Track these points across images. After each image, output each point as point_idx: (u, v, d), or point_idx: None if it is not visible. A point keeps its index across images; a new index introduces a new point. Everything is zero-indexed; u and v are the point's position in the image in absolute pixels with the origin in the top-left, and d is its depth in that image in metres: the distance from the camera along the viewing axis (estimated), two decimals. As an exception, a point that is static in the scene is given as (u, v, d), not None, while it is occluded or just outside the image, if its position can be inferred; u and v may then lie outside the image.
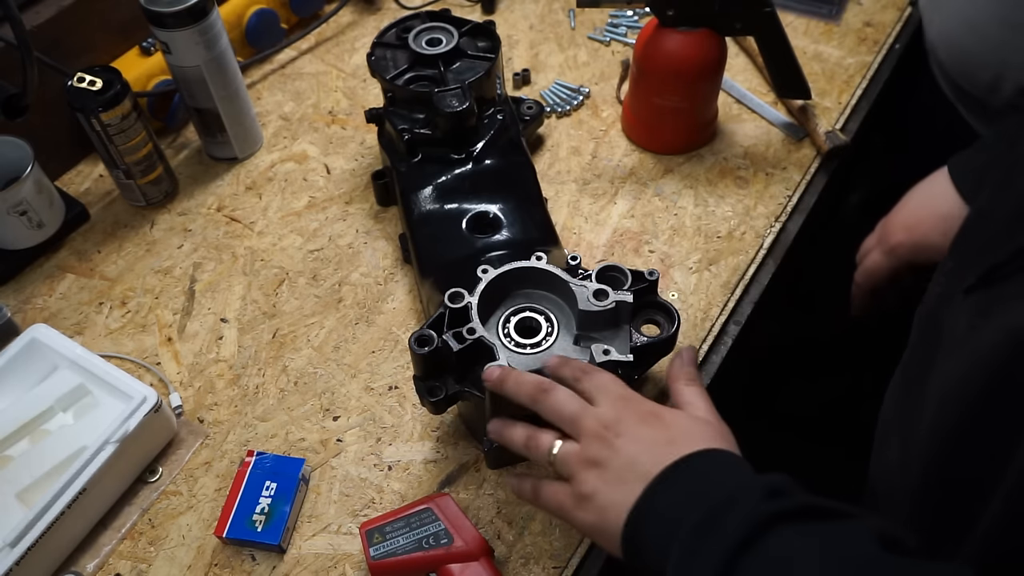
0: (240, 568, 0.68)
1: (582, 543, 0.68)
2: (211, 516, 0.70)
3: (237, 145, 0.95)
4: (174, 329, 0.83)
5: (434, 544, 0.63)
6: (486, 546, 0.64)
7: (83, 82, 0.82)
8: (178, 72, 0.88)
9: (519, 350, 0.65)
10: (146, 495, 0.72)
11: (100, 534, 0.70)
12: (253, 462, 0.70)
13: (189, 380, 0.79)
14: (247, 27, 1.02)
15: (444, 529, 0.63)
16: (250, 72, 1.05)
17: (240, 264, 0.88)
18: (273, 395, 0.78)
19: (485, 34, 0.88)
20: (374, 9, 1.13)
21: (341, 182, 0.94)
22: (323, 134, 0.99)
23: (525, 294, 0.69)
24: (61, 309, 0.84)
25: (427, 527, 0.64)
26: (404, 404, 0.76)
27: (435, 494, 0.67)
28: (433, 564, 0.63)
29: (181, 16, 0.82)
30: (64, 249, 0.90)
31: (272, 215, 0.92)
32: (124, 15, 0.94)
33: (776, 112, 0.98)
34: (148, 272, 0.87)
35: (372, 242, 0.89)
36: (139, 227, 0.91)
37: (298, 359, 0.80)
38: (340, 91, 1.04)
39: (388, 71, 0.85)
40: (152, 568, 0.68)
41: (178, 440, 0.75)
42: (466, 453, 0.73)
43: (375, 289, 0.85)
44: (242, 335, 0.82)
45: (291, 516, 0.68)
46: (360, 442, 0.74)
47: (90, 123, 0.83)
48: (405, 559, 0.63)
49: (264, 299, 0.84)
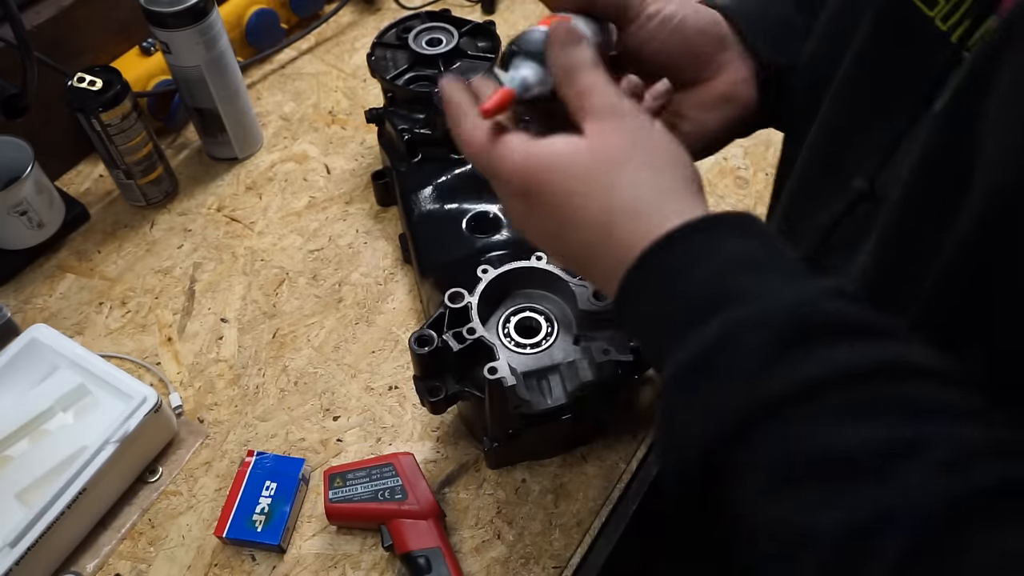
0: (240, 568, 0.68)
1: (582, 543, 0.68)
2: (211, 516, 0.70)
3: (237, 145, 0.95)
4: (174, 329, 0.83)
5: (388, 498, 0.66)
6: (437, 508, 0.67)
7: (83, 82, 0.82)
8: (178, 72, 0.88)
9: (519, 350, 0.65)
10: (146, 495, 0.72)
11: (100, 534, 0.70)
12: (253, 462, 0.70)
13: (189, 380, 0.79)
14: (247, 27, 1.02)
15: (400, 485, 0.67)
16: (250, 72, 1.05)
17: (240, 264, 0.87)
18: (273, 395, 0.78)
19: (485, 34, 0.88)
20: (374, 9, 1.13)
21: (341, 182, 0.94)
22: (323, 134, 0.99)
23: (525, 294, 0.69)
24: (61, 309, 0.84)
25: (386, 480, 0.67)
26: (404, 404, 0.76)
27: (401, 452, 0.69)
28: (384, 516, 0.66)
29: (181, 16, 0.82)
30: (64, 249, 0.89)
31: (272, 215, 0.92)
32: (124, 15, 0.94)
33: (776, 112, 0.98)
34: (148, 272, 0.87)
35: (372, 242, 0.89)
36: (139, 227, 0.91)
37: (298, 359, 0.80)
38: (340, 91, 1.04)
39: (388, 71, 0.85)
40: (152, 568, 0.68)
41: (178, 440, 0.75)
42: (466, 453, 0.73)
43: (375, 289, 0.85)
44: (242, 335, 0.82)
45: (291, 516, 0.68)
46: (360, 442, 0.74)
47: (90, 123, 0.83)
48: (359, 507, 0.67)
49: (264, 299, 0.84)
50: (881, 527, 0.26)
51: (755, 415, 0.30)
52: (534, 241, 0.44)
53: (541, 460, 0.72)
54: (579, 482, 0.71)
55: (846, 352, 0.30)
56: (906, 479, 0.27)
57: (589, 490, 0.71)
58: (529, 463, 0.72)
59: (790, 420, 0.29)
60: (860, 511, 0.27)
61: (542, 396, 0.65)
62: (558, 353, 0.65)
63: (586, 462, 0.73)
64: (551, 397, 0.65)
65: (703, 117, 0.53)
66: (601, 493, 0.71)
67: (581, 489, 0.71)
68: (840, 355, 0.30)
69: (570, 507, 0.70)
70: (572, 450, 0.73)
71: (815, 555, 0.28)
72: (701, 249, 0.35)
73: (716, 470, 0.32)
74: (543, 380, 0.65)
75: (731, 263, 0.34)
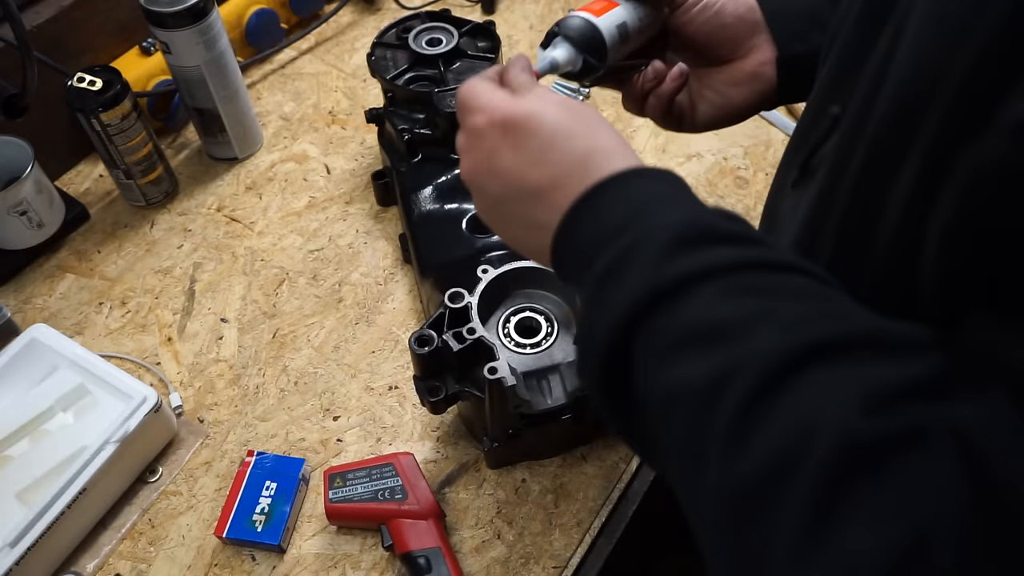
0: (240, 568, 0.68)
1: (582, 543, 0.68)
2: (211, 516, 0.70)
3: (237, 145, 0.95)
4: (174, 329, 0.83)
5: (388, 498, 0.66)
6: (437, 508, 0.66)
7: (83, 82, 0.82)
8: (178, 72, 0.88)
9: (519, 350, 0.65)
10: (146, 495, 0.72)
11: (100, 534, 0.70)
12: (253, 462, 0.70)
13: (189, 380, 0.79)
14: (247, 27, 1.02)
15: (400, 485, 0.67)
16: (250, 72, 1.05)
17: (240, 264, 0.87)
18: (273, 395, 0.78)
19: (485, 34, 0.88)
20: (374, 9, 1.13)
21: (341, 182, 0.94)
22: (323, 134, 0.99)
23: (525, 294, 0.69)
24: (61, 309, 0.84)
25: (386, 480, 0.67)
26: (404, 404, 0.76)
27: (401, 452, 0.69)
28: (385, 516, 0.66)
29: (181, 16, 0.82)
30: (64, 249, 0.89)
31: (272, 215, 0.92)
32: (124, 15, 0.94)
33: (776, 112, 0.98)
34: (148, 272, 0.87)
35: (372, 242, 0.89)
36: (139, 227, 0.91)
37: (298, 359, 0.80)
38: (340, 91, 1.04)
39: (388, 71, 0.85)
40: (152, 568, 0.68)
41: (178, 440, 0.75)
42: (466, 453, 0.73)
43: (375, 289, 0.85)
44: (242, 335, 0.82)
45: (291, 516, 0.68)
46: (360, 442, 0.74)
47: (90, 123, 0.83)
48: (359, 507, 0.66)
49: (264, 299, 0.84)
50: (731, 375, 0.32)
51: (658, 292, 0.36)
52: (479, 176, 0.47)
53: (541, 460, 0.72)
54: (579, 482, 0.71)
55: (726, 251, 0.36)
56: (757, 338, 0.32)
57: (589, 490, 0.71)
58: (529, 463, 0.72)
59: (679, 300, 0.35)
60: (719, 365, 0.33)
61: (542, 396, 0.65)
62: (558, 353, 0.65)
63: (586, 462, 0.73)
64: (551, 397, 0.65)
65: (730, 92, 0.59)
66: (601, 493, 0.71)
67: (581, 489, 0.71)
68: (722, 252, 0.36)
69: (570, 507, 0.70)
70: (572, 450, 0.73)
71: (685, 408, 0.34)
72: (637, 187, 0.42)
73: (624, 353, 0.37)
74: (543, 380, 0.65)
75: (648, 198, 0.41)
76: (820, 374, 0.31)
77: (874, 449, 0.28)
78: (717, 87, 0.60)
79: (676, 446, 0.35)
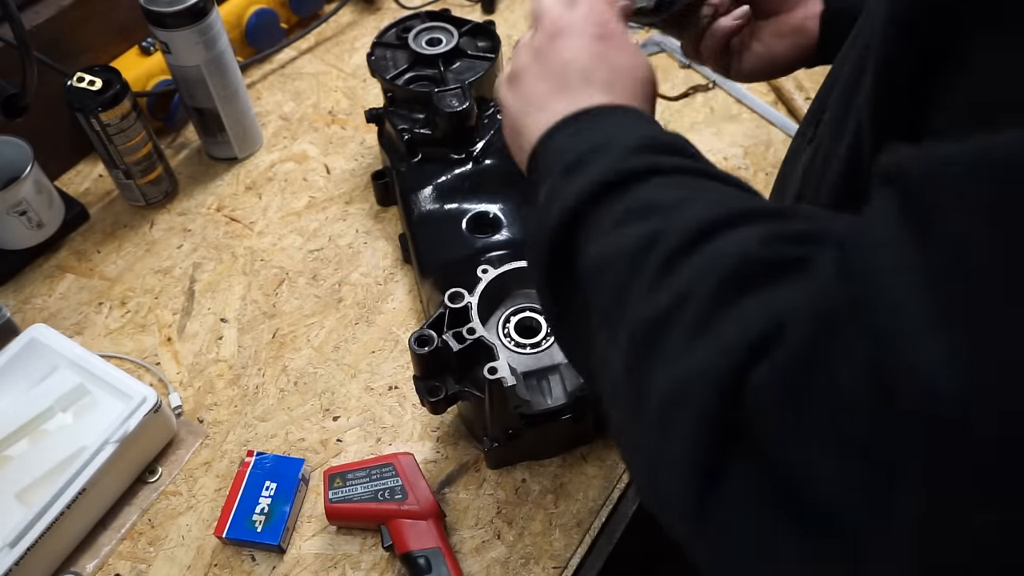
0: (240, 568, 0.68)
1: (582, 543, 0.68)
2: (211, 516, 0.70)
3: (237, 145, 0.95)
4: (174, 329, 0.83)
5: (388, 498, 0.66)
6: (437, 509, 0.66)
7: (83, 82, 0.81)
8: (178, 72, 0.88)
9: (519, 350, 0.65)
10: (146, 495, 0.72)
11: (100, 534, 0.70)
12: (253, 462, 0.70)
13: (189, 380, 0.79)
14: (247, 27, 1.02)
15: (400, 485, 0.67)
16: (250, 72, 1.05)
17: (240, 264, 0.87)
18: (273, 395, 0.77)
19: (485, 34, 0.88)
20: (374, 9, 1.13)
21: (341, 182, 0.94)
22: (323, 134, 0.99)
23: (525, 294, 0.69)
24: (61, 309, 0.84)
25: (385, 480, 0.67)
26: (404, 404, 0.76)
27: (401, 452, 0.69)
28: (384, 517, 0.66)
29: (181, 16, 0.82)
30: (64, 249, 0.89)
31: (272, 215, 0.92)
32: (124, 15, 0.94)
33: (776, 112, 0.98)
34: (148, 272, 0.87)
35: (372, 242, 0.89)
36: (139, 227, 0.91)
37: (298, 359, 0.80)
38: (340, 91, 1.04)
39: (388, 71, 0.85)
40: (152, 568, 0.68)
41: (178, 440, 0.75)
42: (466, 453, 0.73)
43: (375, 289, 0.85)
44: (242, 335, 0.82)
45: (291, 516, 0.68)
46: (360, 442, 0.74)
47: (90, 123, 0.83)
48: (359, 507, 0.66)
49: (264, 299, 0.84)
50: (656, 239, 0.36)
51: (609, 184, 0.41)
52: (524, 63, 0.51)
53: (541, 460, 0.72)
54: (579, 482, 0.71)
55: (675, 159, 0.42)
56: (683, 212, 0.37)
57: (589, 490, 0.71)
58: (529, 463, 0.72)
59: (627, 188, 0.40)
60: (647, 233, 0.37)
61: (542, 396, 0.65)
62: (558, 353, 0.65)
63: (586, 462, 0.73)
64: (551, 397, 0.65)
65: (774, 44, 0.64)
66: (601, 493, 0.71)
67: (581, 489, 0.71)
68: (671, 160, 0.42)
69: (570, 507, 0.70)
70: (572, 450, 0.73)
71: (614, 270, 0.38)
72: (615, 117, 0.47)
73: (571, 236, 0.41)
74: (543, 380, 0.65)
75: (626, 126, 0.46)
76: (731, 232, 0.35)
77: (764, 264, 0.32)
78: (763, 37, 0.64)
79: (603, 310, 0.39)
